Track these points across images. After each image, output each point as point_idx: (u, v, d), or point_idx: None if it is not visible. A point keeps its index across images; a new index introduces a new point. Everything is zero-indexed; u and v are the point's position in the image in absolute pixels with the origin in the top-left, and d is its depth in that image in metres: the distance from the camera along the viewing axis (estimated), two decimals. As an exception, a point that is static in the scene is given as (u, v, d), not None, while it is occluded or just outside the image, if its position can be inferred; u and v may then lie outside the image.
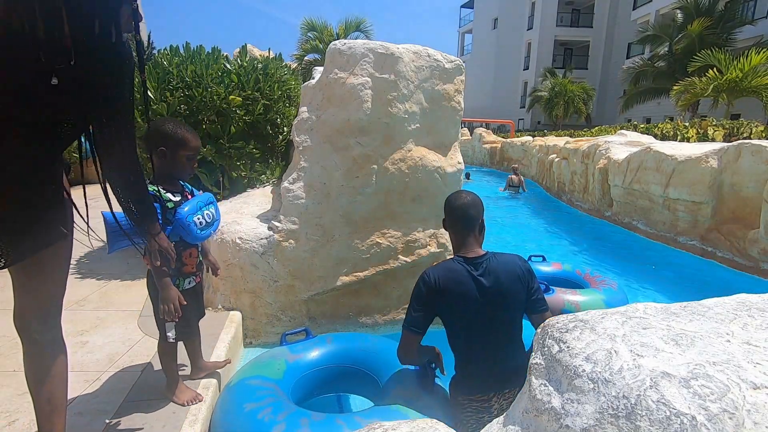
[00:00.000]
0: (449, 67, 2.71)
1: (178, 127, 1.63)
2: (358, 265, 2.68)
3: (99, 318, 2.62)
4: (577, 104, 25.28)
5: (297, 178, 2.57)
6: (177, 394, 1.74)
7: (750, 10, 20.10)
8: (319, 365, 1.96)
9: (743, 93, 12.94)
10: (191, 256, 1.73)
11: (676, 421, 0.65)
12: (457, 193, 1.79)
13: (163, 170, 1.64)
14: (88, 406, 1.79)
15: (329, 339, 2.08)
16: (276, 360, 1.90)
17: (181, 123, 1.69)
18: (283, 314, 2.67)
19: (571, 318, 0.96)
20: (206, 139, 3.47)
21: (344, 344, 2.04)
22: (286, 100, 3.99)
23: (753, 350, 0.79)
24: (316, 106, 2.56)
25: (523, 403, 0.91)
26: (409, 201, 2.70)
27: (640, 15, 26.80)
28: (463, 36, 48.87)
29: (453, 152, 2.85)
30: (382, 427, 1.00)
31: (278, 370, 1.83)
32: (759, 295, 1.07)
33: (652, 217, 5.90)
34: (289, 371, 1.86)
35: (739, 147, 4.66)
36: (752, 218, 4.47)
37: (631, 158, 6.27)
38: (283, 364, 1.87)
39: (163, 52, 3.78)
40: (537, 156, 12.00)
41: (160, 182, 1.62)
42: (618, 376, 0.74)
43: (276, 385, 1.72)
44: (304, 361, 1.94)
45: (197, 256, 1.77)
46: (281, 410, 1.54)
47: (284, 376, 1.81)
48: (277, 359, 1.90)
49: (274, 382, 1.74)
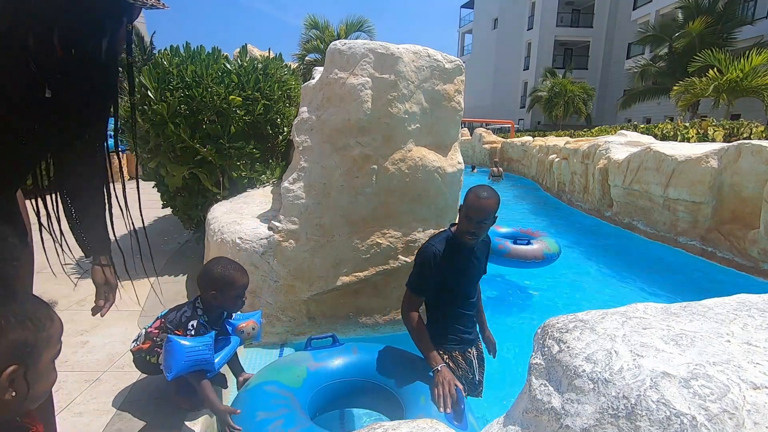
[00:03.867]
0: (449, 67, 2.71)
1: (226, 269, 1.69)
2: (358, 265, 2.68)
3: (99, 318, 2.62)
4: (577, 104, 25.28)
5: (297, 178, 2.57)
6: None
7: (750, 10, 20.11)
8: (341, 377, 1.82)
9: (743, 93, 12.94)
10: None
11: (676, 421, 0.65)
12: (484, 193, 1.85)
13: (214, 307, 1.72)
14: (88, 406, 1.79)
15: (355, 349, 1.93)
16: (297, 366, 1.78)
17: (229, 262, 1.75)
18: (283, 314, 2.67)
19: (571, 318, 0.96)
20: (206, 139, 3.47)
21: (370, 356, 1.89)
22: (286, 100, 3.98)
23: (753, 350, 0.79)
24: (316, 106, 2.56)
25: (523, 403, 0.91)
26: (409, 201, 2.70)
27: (640, 15, 26.80)
28: (463, 36, 48.87)
29: (453, 152, 2.85)
30: (383, 427, 1.00)
31: (297, 378, 1.71)
32: (759, 295, 1.07)
33: (652, 218, 5.90)
34: (309, 380, 1.74)
35: (739, 147, 4.66)
36: (752, 218, 4.47)
37: (631, 158, 6.27)
38: (303, 371, 1.75)
39: (163, 52, 3.78)
40: (537, 156, 12.00)
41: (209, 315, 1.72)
42: (618, 377, 0.74)
43: (292, 395, 1.62)
44: (325, 371, 1.81)
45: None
46: (293, 424, 1.44)
47: (303, 385, 1.70)
48: (298, 365, 1.78)
49: (291, 391, 1.63)
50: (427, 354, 1.78)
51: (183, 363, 1.50)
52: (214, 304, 1.70)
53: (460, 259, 1.90)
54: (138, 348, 1.80)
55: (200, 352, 1.54)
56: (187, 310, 1.71)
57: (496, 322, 3.47)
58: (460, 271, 1.93)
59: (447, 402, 1.60)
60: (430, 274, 1.85)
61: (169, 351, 1.50)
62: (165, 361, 1.51)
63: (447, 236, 1.92)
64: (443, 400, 1.60)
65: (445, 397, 1.61)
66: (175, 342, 1.51)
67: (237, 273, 1.70)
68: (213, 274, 1.67)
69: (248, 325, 1.82)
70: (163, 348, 1.53)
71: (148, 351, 1.78)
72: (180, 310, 1.75)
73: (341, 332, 2.79)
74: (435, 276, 1.86)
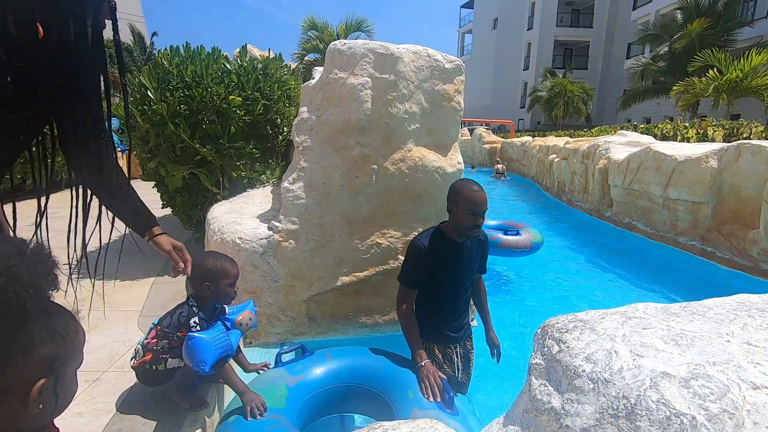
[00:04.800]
0: (449, 67, 2.71)
1: (217, 260, 1.73)
2: (358, 265, 2.68)
3: (99, 318, 2.62)
4: (576, 104, 25.28)
5: (297, 178, 2.57)
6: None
7: (749, 10, 20.11)
8: (323, 386, 1.81)
9: (743, 93, 12.94)
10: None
11: (676, 421, 0.65)
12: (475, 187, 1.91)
13: (208, 301, 1.73)
14: (88, 406, 1.79)
15: (329, 355, 1.91)
16: (276, 385, 1.73)
17: (218, 254, 1.78)
18: (283, 314, 2.67)
19: (571, 318, 0.96)
20: (206, 139, 3.47)
21: (345, 361, 1.88)
22: (286, 100, 3.98)
23: (753, 350, 0.79)
24: (316, 106, 2.56)
25: (523, 403, 0.91)
26: (409, 201, 2.70)
27: (640, 15, 26.80)
28: (463, 36, 48.87)
29: (453, 152, 2.85)
30: (382, 427, 1.00)
31: (280, 397, 1.68)
32: (759, 295, 1.07)
33: (652, 218, 5.90)
34: (292, 396, 1.71)
35: (739, 147, 4.66)
36: (752, 218, 4.47)
37: (631, 158, 6.27)
38: (284, 389, 1.72)
39: (163, 52, 3.78)
40: (537, 156, 12.00)
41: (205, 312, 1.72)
42: (618, 377, 0.74)
43: (282, 416, 1.59)
44: (306, 383, 1.78)
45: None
46: None
47: (288, 403, 1.67)
48: (277, 384, 1.74)
49: (279, 413, 1.60)
50: (414, 349, 1.86)
51: (214, 352, 1.53)
52: (209, 296, 1.71)
53: (447, 254, 1.97)
54: (140, 362, 1.78)
55: (222, 339, 1.58)
56: (183, 310, 1.71)
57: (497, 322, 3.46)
58: (447, 266, 1.98)
59: (435, 392, 1.69)
60: (418, 266, 1.96)
61: (197, 348, 1.52)
62: (195, 357, 1.51)
63: (434, 231, 2.00)
64: (431, 391, 1.69)
65: (432, 387, 1.70)
66: (199, 338, 1.53)
67: (228, 263, 1.74)
68: (206, 267, 1.69)
69: (244, 316, 1.84)
70: (186, 348, 1.53)
71: (152, 361, 1.77)
72: (174, 314, 1.75)
73: (341, 332, 2.79)
74: (422, 268, 1.95)
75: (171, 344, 1.72)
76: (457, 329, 2.09)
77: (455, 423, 1.55)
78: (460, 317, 2.11)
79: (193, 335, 1.54)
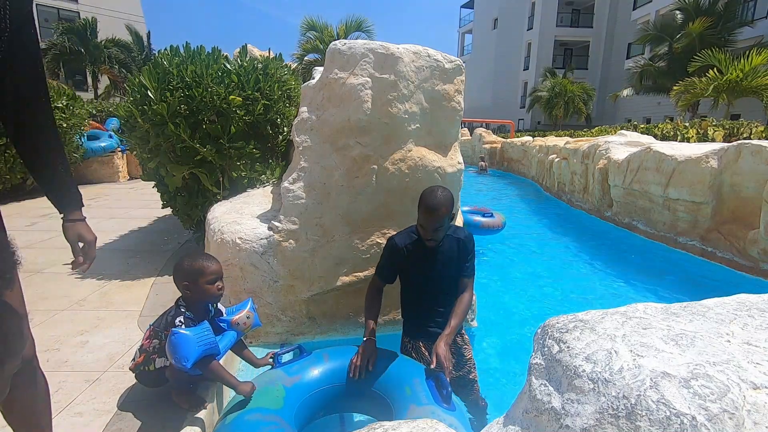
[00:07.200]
0: (449, 67, 2.71)
1: (194, 259, 1.71)
2: (358, 265, 2.68)
3: (99, 318, 2.62)
4: (577, 104, 25.27)
5: (297, 178, 2.57)
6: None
7: (750, 10, 20.11)
8: (320, 386, 1.81)
9: (743, 93, 12.94)
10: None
11: (676, 421, 0.65)
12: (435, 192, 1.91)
13: (194, 301, 1.72)
14: (88, 406, 1.79)
15: (326, 356, 1.91)
16: (273, 386, 1.74)
17: (197, 254, 1.76)
18: (283, 314, 2.67)
19: (571, 318, 0.96)
20: (206, 139, 3.47)
21: (343, 360, 1.88)
22: (286, 100, 3.98)
23: (753, 350, 0.79)
24: (316, 106, 2.56)
25: (523, 403, 0.91)
26: (409, 201, 2.70)
27: (640, 15, 26.79)
28: (463, 36, 48.86)
29: (453, 152, 2.84)
30: (383, 427, 1.00)
31: (277, 398, 1.68)
32: (759, 295, 1.07)
33: (652, 218, 5.89)
34: (289, 397, 1.71)
35: (739, 147, 4.66)
36: (752, 218, 4.47)
37: (631, 158, 6.27)
38: (281, 390, 1.72)
39: (163, 52, 3.78)
40: (537, 156, 11.99)
41: (194, 312, 1.72)
42: (618, 377, 0.74)
43: (279, 417, 1.58)
44: (303, 383, 1.78)
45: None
46: None
47: (285, 404, 1.67)
48: (274, 385, 1.74)
49: (276, 414, 1.59)
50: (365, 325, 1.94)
51: (196, 348, 1.52)
52: (190, 296, 1.71)
53: (417, 254, 1.99)
54: (135, 364, 1.82)
55: (206, 336, 1.57)
56: (172, 311, 1.74)
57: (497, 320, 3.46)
58: (417, 265, 2.02)
59: (355, 372, 1.76)
60: (388, 262, 2.03)
61: (178, 343, 1.51)
62: (176, 354, 1.50)
63: (410, 231, 2.03)
64: (353, 368, 1.77)
65: (356, 367, 1.77)
66: (180, 334, 1.52)
67: (205, 261, 1.71)
68: (182, 267, 1.69)
69: (241, 315, 1.81)
70: (169, 344, 1.52)
71: (144, 362, 1.79)
72: (165, 315, 1.78)
73: (341, 332, 2.79)
74: (394, 265, 2.03)
75: (161, 344, 1.73)
76: (441, 325, 2.01)
77: (452, 418, 1.54)
78: (444, 315, 2.06)
79: (175, 330, 1.53)
